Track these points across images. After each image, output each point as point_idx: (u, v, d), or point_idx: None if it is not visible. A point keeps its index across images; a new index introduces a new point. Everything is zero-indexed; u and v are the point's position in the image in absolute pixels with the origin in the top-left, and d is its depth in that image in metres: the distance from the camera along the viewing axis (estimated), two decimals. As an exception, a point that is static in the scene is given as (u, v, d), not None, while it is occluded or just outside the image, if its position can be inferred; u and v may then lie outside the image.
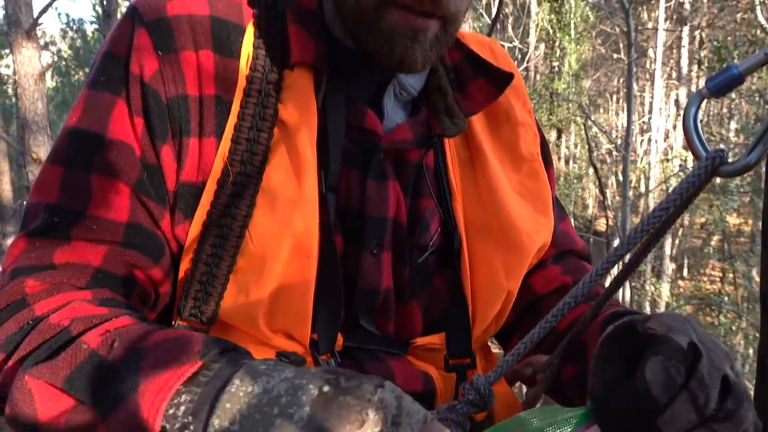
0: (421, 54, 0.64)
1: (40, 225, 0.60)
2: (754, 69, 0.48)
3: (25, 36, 5.07)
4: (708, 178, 0.50)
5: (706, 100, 0.53)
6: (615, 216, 10.32)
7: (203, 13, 0.65)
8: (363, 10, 0.63)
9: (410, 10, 0.62)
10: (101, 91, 0.63)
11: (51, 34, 17.65)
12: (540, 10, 13.24)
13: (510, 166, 0.77)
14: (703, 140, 0.51)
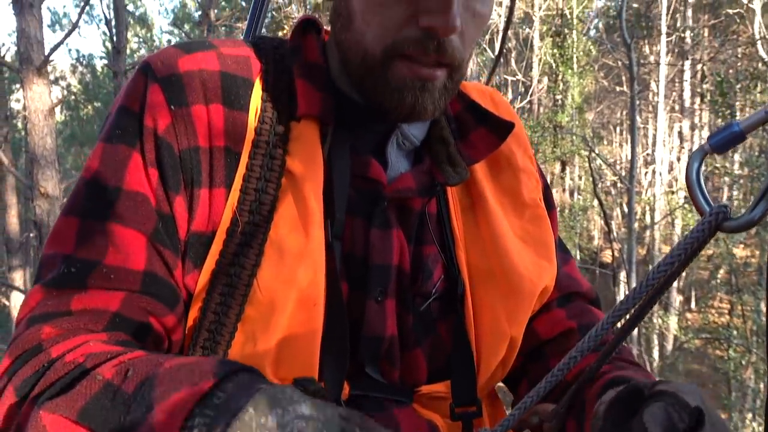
0: (430, 103, 0.65)
1: (56, 276, 0.60)
2: (755, 127, 0.49)
3: (36, 72, 5.16)
4: (712, 233, 0.50)
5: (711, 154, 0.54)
6: (621, 248, 10.29)
7: (213, 68, 0.67)
8: (370, 64, 0.65)
9: (417, 62, 0.63)
10: (117, 144, 0.64)
11: (61, 69, 17.97)
12: (543, 44, 13.42)
13: (512, 212, 0.77)
14: (707, 195, 0.51)
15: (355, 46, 0.66)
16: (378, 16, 0.63)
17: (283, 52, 0.72)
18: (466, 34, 0.65)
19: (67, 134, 17.20)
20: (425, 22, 0.61)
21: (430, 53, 0.62)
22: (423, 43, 0.62)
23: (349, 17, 0.66)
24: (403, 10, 0.62)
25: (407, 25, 0.62)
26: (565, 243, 0.89)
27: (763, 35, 9.90)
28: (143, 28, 18.12)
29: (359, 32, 0.65)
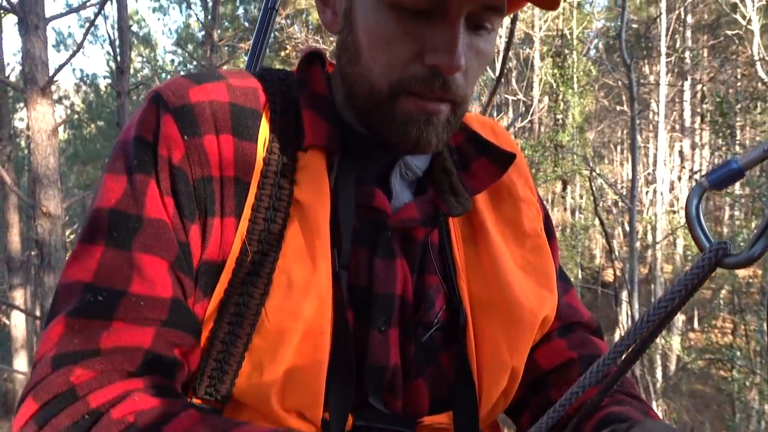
0: (435, 136, 0.67)
1: (79, 305, 0.59)
2: (753, 164, 0.49)
3: (40, 93, 5.19)
4: (712, 269, 0.51)
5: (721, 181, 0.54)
6: (623, 267, 10.27)
7: (223, 99, 0.67)
8: (377, 99, 0.66)
9: (422, 97, 0.65)
10: (135, 173, 0.64)
11: (65, 88, 18.09)
12: (543, 64, 13.52)
13: (513, 242, 0.78)
14: (706, 231, 0.52)
15: (362, 81, 0.67)
16: (385, 53, 0.64)
17: (289, 84, 0.73)
18: (469, 71, 0.66)
19: (70, 153, 17.28)
20: (431, 61, 0.63)
21: (435, 90, 0.64)
22: (428, 80, 0.64)
23: (356, 52, 0.68)
24: (409, 47, 0.64)
25: (413, 62, 0.64)
26: (566, 262, 0.89)
27: (762, 56, 9.97)
28: (147, 48, 18.28)
29: (366, 67, 0.66)
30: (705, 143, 17.79)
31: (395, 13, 0.63)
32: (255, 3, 16.31)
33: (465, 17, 0.63)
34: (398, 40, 0.64)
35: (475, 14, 0.64)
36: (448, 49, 0.62)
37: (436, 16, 0.62)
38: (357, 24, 0.67)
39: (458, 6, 0.62)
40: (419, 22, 0.63)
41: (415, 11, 0.62)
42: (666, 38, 13.59)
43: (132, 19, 16.09)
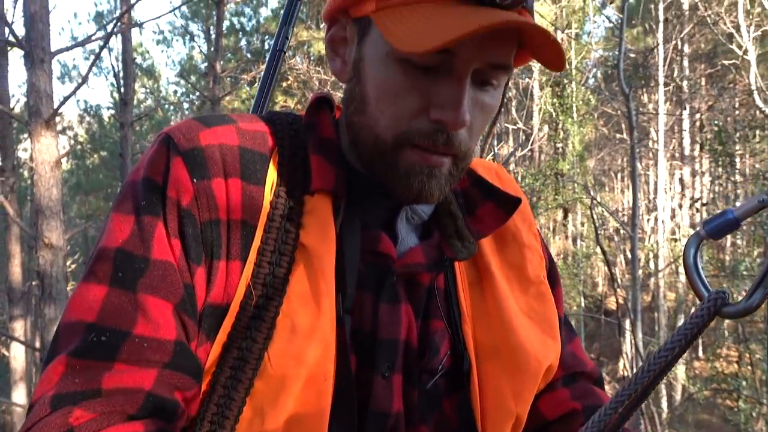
0: (437, 188, 0.68)
1: (81, 346, 0.59)
2: (749, 215, 0.50)
3: (45, 125, 5.24)
4: (711, 318, 0.51)
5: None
6: (626, 295, 10.21)
7: (233, 143, 0.68)
8: (382, 149, 0.67)
9: (426, 150, 0.66)
10: (143, 215, 0.64)
11: (69, 119, 18.24)
12: (542, 93, 13.64)
13: (518, 287, 0.78)
14: (705, 280, 0.52)
15: (368, 130, 0.68)
16: (392, 105, 0.66)
17: (297, 128, 0.74)
18: (473, 126, 0.67)
19: (73, 183, 17.36)
20: (436, 116, 0.64)
21: (438, 145, 0.65)
22: (433, 135, 0.65)
23: (363, 102, 0.69)
24: (416, 101, 0.65)
25: (419, 116, 0.65)
26: (569, 290, 0.89)
27: (759, 86, 10.06)
28: (150, 79, 18.48)
29: (372, 118, 0.68)
30: (705, 170, 17.85)
31: (403, 67, 0.64)
32: (257, 35, 16.54)
33: (474, 74, 0.65)
34: (405, 94, 0.65)
35: (482, 71, 0.65)
36: (453, 105, 0.63)
37: (444, 72, 0.64)
38: (366, 75, 0.68)
39: (465, 64, 0.63)
40: (427, 78, 0.64)
41: (423, 67, 0.64)
42: (664, 68, 13.73)
43: (136, 51, 16.30)
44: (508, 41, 0.65)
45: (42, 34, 5.28)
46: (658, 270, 13.36)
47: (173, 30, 17.13)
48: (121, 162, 9.15)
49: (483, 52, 0.63)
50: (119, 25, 6.94)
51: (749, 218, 0.51)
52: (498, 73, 0.66)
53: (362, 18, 0.68)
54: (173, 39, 17.51)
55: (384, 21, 0.64)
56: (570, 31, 12.96)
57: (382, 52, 0.66)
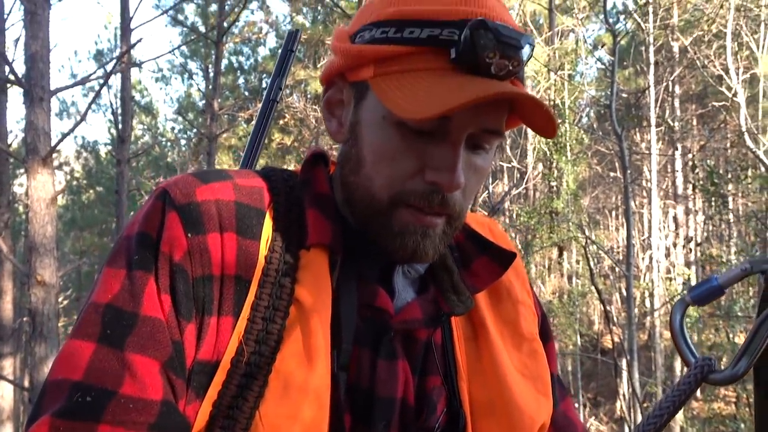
0: (431, 248, 0.68)
1: (66, 405, 0.58)
2: (732, 282, 0.51)
3: (41, 162, 5.26)
4: (698, 384, 0.52)
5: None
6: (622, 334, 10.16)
7: (229, 199, 0.68)
8: (377, 209, 0.68)
9: (420, 210, 0.67)
10: (135, 270, 0.64)
11: (66, 155, 18.28)
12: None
13: (511, 344, 0.78)
14: (691, 346, 0.53)
15: (363, 190, 0.69)
16: (388, 167, 0.67)
17: (293, 184, 0.74)
18: (467, 188, 0.69)
19: (68, 218, 17.33)
20: (431, 178, 0.66)
21: (434, 206, 0.66)
22: (428, 196, 0.66)
23: (358, 163, 0.70)
24: (411, 163, 0.66)
25: (414, 177, 0.67)
26: (565, 329, 0.89)
27: (749, 127, 10.21)
28: (148, 116, 18.63)
29: (368, 178, 0.69)
30: (699, 209, 17.97)
31: (400, 131, 0.66)
32: (255, 73, 16.77)
33: (468, 139, 0.66)
34: (401, 156, 0.67)
35: (476, 136, 0.67)
36: (449, 168, 0.65)
37: (439, 136, 0.65)
38: (362, 138, 0.70)
39: (460, 129, 0.65)
40: (422, 141, 0.66)
41: (419, 131, 0.66)
42: (655, 108, 13.94)
43: (135, 88, 16.47)
44: (501, 109, 0.67)
45: (42, 73, 5.34)
46: (654, 309, 13.33)
47: (172, 68, 17.34)
48: (116, 198, 9.16)
49: (477, 118, 0.65)
50: (119, 64, 7.03)
51: (733, 284, 0.51)
52: (491, 137, 0.68)
53: (359, 82, 0.70)
54: (172, 77, 17.69)
55: (382, 87, 0.66)
56: (563, 72, 13.17)
57: (378, 115, 0.68)
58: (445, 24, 0.65)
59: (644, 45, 14.24)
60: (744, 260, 0.51)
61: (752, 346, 0.49)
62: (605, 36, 14.61)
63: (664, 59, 15.59)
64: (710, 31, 12.94)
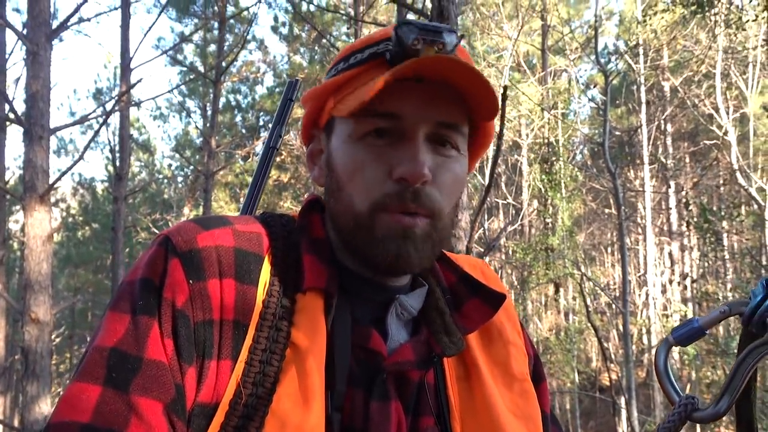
0: (414, 251, 0.70)
1: None
2: (713, 324, 0.54)
3: (39, 200, 5.28)
4: (682, 422, 0.54)
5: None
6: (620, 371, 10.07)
7: (228, 245, 0.71)
8: (360, 223, 0.71)
9: (397, 212, 0.70)
10: (139, 315, 0.66)
11: (62, 191, 18.32)
12: (531, 170, 13.93)
13: (503, 384, 0.79)
14: (675, 385, 0.55)
15: (345, 210, 0.73)
16: (361, 179, 0.71)
17: (290, 229, 0.77)
18: (442, 187, 0.72)
19: (63, 255, 17.25)
20: (397, 174, 0.69)
21: (407, 203, 0.69)
22: (400, 194, 0.69)
23: (338, 187, 0.74)
24: (381, 169, 0.70)
25: (386, 181, 0.70)
26: (562, 366, 0.90)
27: (741, 164, 10.34)
28: (146, 153, 18.73)
29: (348, 195, 0.72)
30: (694, 245, 18.03)
31: (365, 143, 0.71)
32: (253, 111, 16.96)
33: (427, 136, 0.71)
34: (370, 165, 0.71)
35: (435, 132, 0.71)
36: (409, 159, 0.68)
37: (397, 137, 0.70)
38: (335, 163, 0.74)
39: (413, 125, 0.70)
40: (386, 147, 0.70)
41: (380, 137, 0.70)
42: (648, 146, 14.12)
43: (133, 126, 16.61)
44: (451, 101, 0.71)
45: (42, 112, 5.41)
46: (651, 346, 13.26)
47: (170, 106, 17.54)
48: (112, 235, 9.16)
49: (427, 112, 0.70)
50: (118, 103, 7.12)
51: (714, 326, 0.54)
52: (451, 132, 0.72)
53: (328, 121, 0.76)
54: (170, 115, 17.87)
55: (339, 109, 0.72)
56: (556, 111, 13.38)
57: (344, 136, 0.73)
58: (383, 40, 0.72)
59: (636, 84, 14.50)
60: (723, 303, 0.54)
61: (732, 384, 0.51)
62: (597, 76, 14.89)
63: (655, 98, 15.85)
64: (700, 71, 13.20)
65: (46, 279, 5.43)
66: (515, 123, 14.45)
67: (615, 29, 17.78)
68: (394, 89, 0.69)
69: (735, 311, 0.53)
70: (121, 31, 8.44)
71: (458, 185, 0.74)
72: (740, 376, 0.50)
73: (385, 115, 0.70)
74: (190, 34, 13.13)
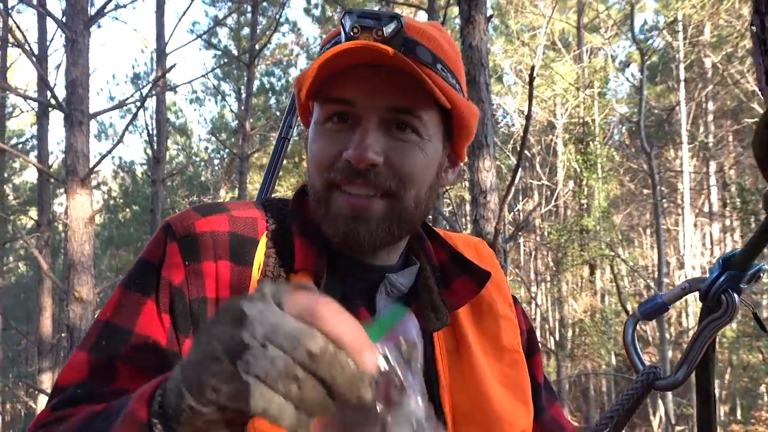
0: (366, 232, 0.75)
1: (67, 397, 0.69)
2: (675, 299, 0.57)
3: (80, 183, 5.47)
4: (646, 389, 0.58)
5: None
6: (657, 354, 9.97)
7: (224, 230, 0.78)
8: (318, 199, 0.77)
9: (349, 192, 0.75)
10: (135, 292, 0.74)
11: (104, 175, 18.81)
12: (566, 150, 13.73)
13: (492, 356, 0.84)
14: (641, 356, 0.59)
15: (311, 189, 0.79)
16: (317, 157, 0.77)
17: (286, 213, 0.83)
18: (398, 167, 0.75)
19: (105, 237, 17.77)
20: (346, 155, 0.74)
21: (354, 180, 0.74)
22: (347, 171, 0.74)
23: (309, 170, 0.80)
24: (335, 150, 0.76)
25: (338, 160, 0.75)
26: (597, 348, 0.92)
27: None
28: (183, 137, 19.07)
29: (312, 176, 0.79)
30: (736, 226, 17.58)
31: (325, 127, 0.77)
32: (286, 94, 17.06)
33: (380, 121, 0.75)
34: (326, 147, 0.76)
35: (389, 117, 0.75)
36: (356, 144, 0.73)
37: (352, 122, 0.75)
38: (309, 148, 0.80)
39: (365, 110, 0.74)
40: (343, 131, 0.76)
41: (343, 121, 0.75)
42: (688, 124, 13.76)
43: (170, 110, 16.89)
44: (402, 87, 0.74)
45: (81, 97, 5.58)
46: (689, 328, 13.05)
47: (206, 90, 17.80)
48: (151, 217, 9.42)
49: (377, 97, 0.74)
50: (154, 88, 7.28)
51: (677, 301, 0.58)
52: (408, 117, 0.76)
53: (312, 107, 0.82)
54: (206, 98, 18.16)
55: (301, 94, 0.78)
56: (592, 90, 13.13)
57: (314, 121, 0.79)
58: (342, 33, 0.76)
59: (675, 61, 14.11)
60: (686, 280, 0.57)
61: (690, 355, 0.55)
62: (635, 53, 14.53)
63: (696, 75, 15.40)
64: (743, 47, 12.77)
65: (88, 259, 5.63)
66: (550, 103, 14.25)
67: (653, 4, 17.29)
68: (350, 76, 0.74)
69: (694, 288, 0.56)
70: (156, 16, 8.61)
71: (420, 168, 0.78)
72: (697, 347, 0.54)
73: (340, 101, 0.75)
74: (223, 17, 13.26)
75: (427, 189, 0.79)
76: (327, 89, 0.75)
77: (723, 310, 0.53)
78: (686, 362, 0.55)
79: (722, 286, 0.53)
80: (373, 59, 0.73)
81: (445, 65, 0.79)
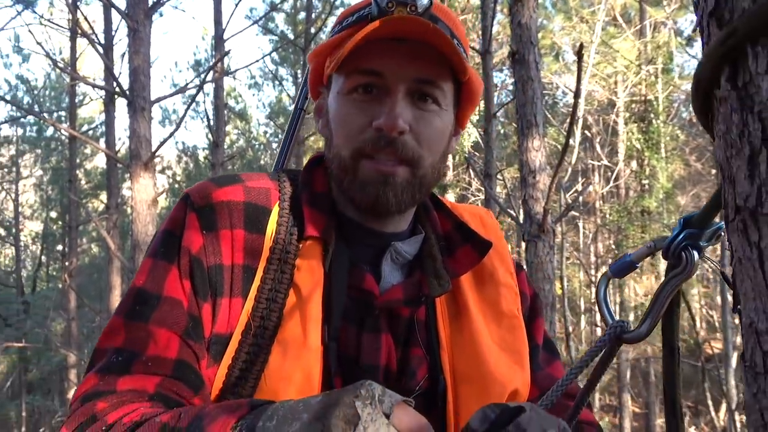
0: (393, 196, 0.81)
1: (106, 363, 0.74)
2: (641, 258, 0.61)
3: (143, 167, 5.73)
4: (614, 343, 0.61)
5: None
6: (724, 337, 9.65)
7: (239, 199, 0.84)
8: (344, 167, 0.82)
9: (377, 160, 0.80)
10: (160, 260, 0.81)
11: (168, 159, 19.49)
12: (626, 129, 13.33)
13: (492, 320, 0.88)
14: (612, 311, 0.63)
15: (335, 157, 0.84)
16: (346, 128, 0.82)
17: (297, 183, 0.89)
18: (421, 137, 0.81)
19: (170, 219, 18.41)
20: (376, 124, 0.79)
21: (384, 148, 0.79)
22: (377, 141, 0.80)
23: (330, 138, 0.85)
24: (363, 119, 0.81)
25: (366, 130, 0.80)
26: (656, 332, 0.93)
27: None
28: (242, 121, 19.51)
29: (336, 145, 0.83)
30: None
31: (351, 97, 0.81)
32: (342, 77, 17.12)
33: (407, 91, 0.80)
34: (354, 116, 0.81)
35: (415, 88, 0.80)
36: (387, 112, 0.78)
37: (379, 92, 0.80)
38: (330, 116, 0.85)
39: (393, 82, 0.79)
40: (369, 101, 0.81)
41: (368, 92, 0.80)
42: (759, 100, 13.06)
43: (230, 95, 17.30)
44: (429, 58, 0.79)
45: (143, 85, 5.82)
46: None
47: (264, 75, 18.10)
48: (212, 200, 9.72)
49: (405, 69, 0.79)
50: (214, 74, 7.51)
51: (645, 259, 0.61)
52: (431, 88, 0.80)
53: (328, 78, 0.86)
54: (264, 83, 18.47)
55: (329, 66, 0.83)
56: (656, 66, 12.67)
57: (336, 91, 0.83)
58: (368, 6, 0.80)
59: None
60: (653, 239, 0.60)
61: (654, 309, 0.58)
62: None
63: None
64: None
65: (152, 240, 5.89)
66: (611, 81, 13.83)
67: (724, -26, 16.38)
68: (377, 48, 0.79)
69: (659, 246, 0.59)
70: (214, 3, 8.82)
71: (439, 137, 0.83)
72: (660, 301, 0.57)
73: (369, 72, 0.80)
74: (280, 2, 13.44)
75: (441, 156, 0.85)
76: (353, 61, 0.80)
77: (683, 266, 0.56)
78: (650, 316, 0.58)
79: (681, 243, 0.56)
80: (418, 33, 0.77)
81: (459, 40, 0.84)
